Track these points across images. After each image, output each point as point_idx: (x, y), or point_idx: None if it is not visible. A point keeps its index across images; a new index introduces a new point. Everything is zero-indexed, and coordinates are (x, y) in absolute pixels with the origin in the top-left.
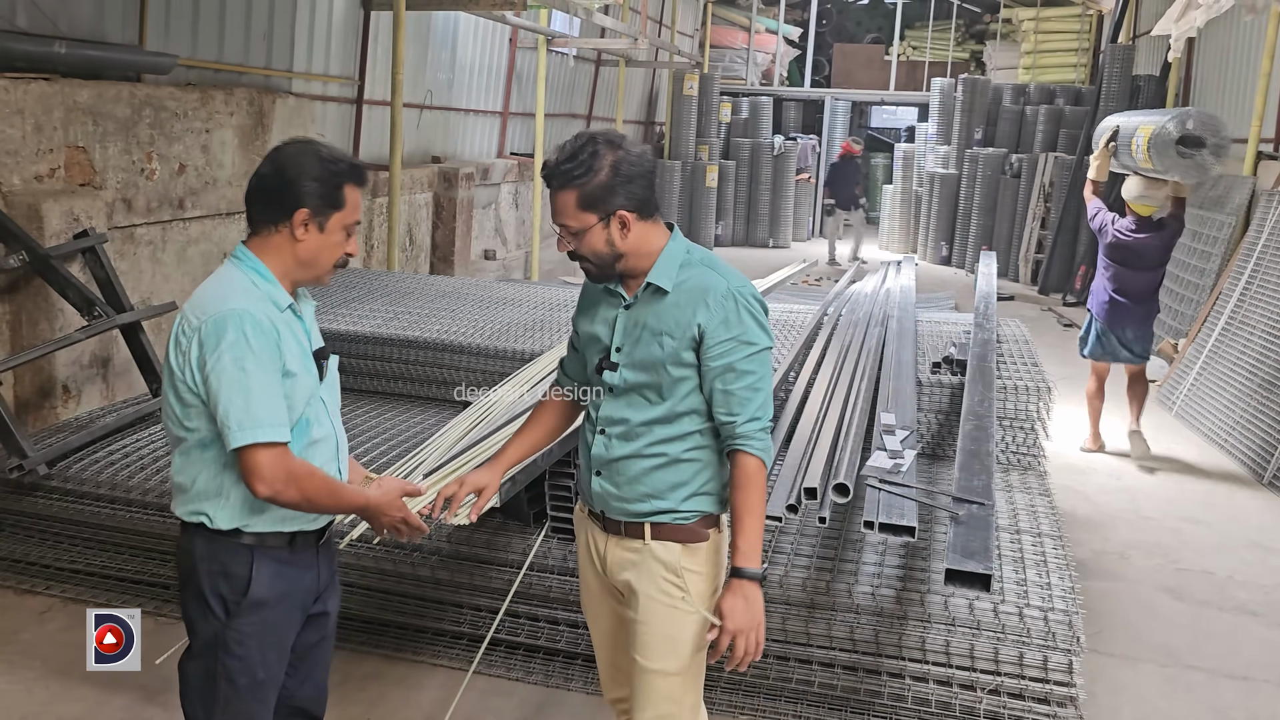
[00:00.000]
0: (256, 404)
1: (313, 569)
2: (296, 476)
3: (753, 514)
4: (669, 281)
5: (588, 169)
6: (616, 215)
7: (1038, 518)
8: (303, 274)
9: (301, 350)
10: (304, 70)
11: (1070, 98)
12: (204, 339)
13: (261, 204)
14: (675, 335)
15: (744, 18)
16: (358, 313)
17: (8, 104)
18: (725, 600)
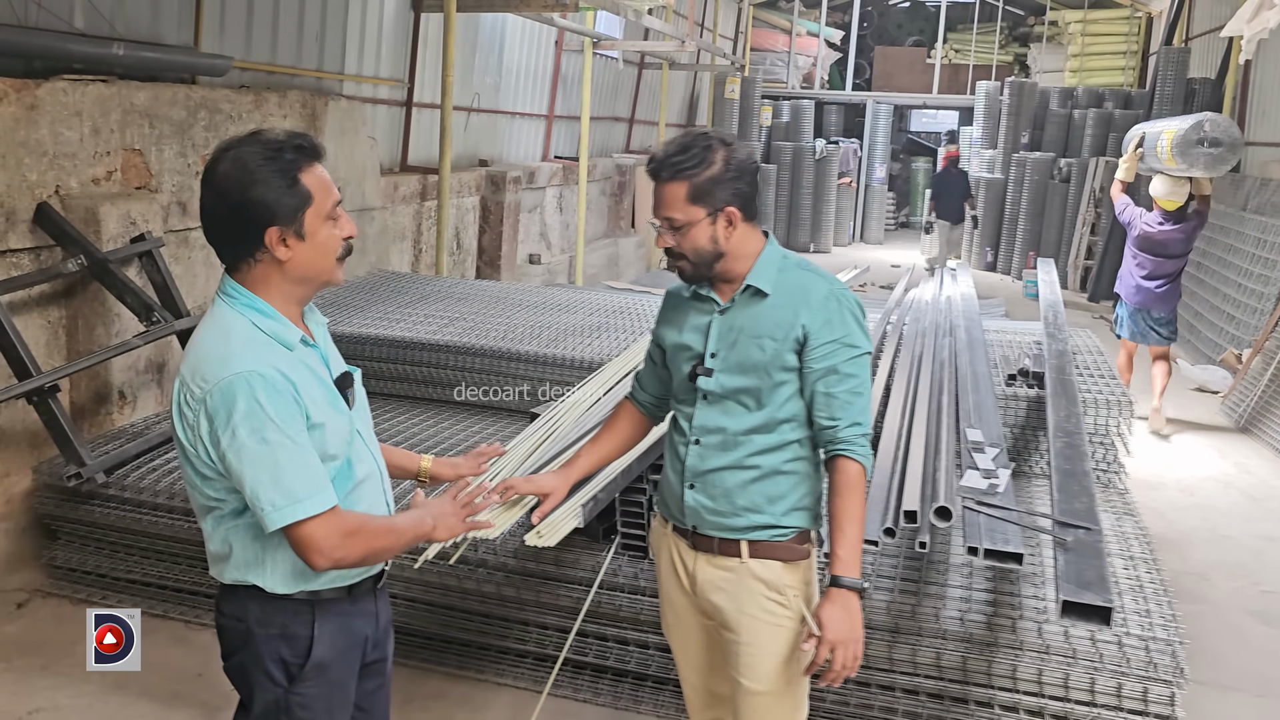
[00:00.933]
0: (288, 477)
1: (372, 617)
2: (353, 536)
3: (853, 522)
4: (769, 284)
5: (700, 161)
6: (724, 211)
7: (1127, 539)
8: (307, 288)
9: (325, 389)
10: (355, 73)
11: (1120, 101)
12: (212, 412)
13: (223, 242)
14: (777, 337)
15: (785, 21)
16: (411, 318)
17: (66, 106)
18: (824, 610)
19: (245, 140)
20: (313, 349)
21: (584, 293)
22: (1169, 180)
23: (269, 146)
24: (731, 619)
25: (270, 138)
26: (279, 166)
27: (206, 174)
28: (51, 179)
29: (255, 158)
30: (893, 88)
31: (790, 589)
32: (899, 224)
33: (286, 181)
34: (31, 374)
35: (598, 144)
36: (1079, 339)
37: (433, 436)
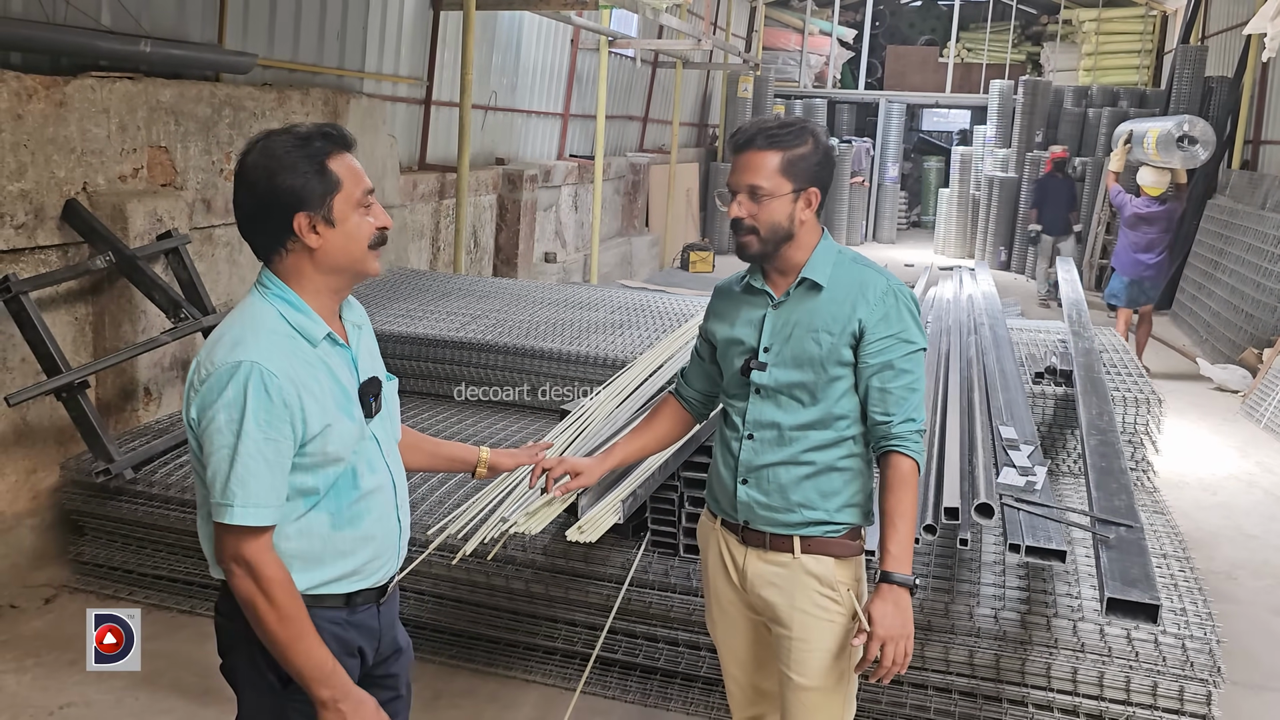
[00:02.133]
0: (238, 479)
1: (372, 633)
2: (267, 578)
3: (905, 517)
4: (824, 277)
5: (796, 137)
6: (808, 192)
7: (1159, 537)
8: (341, 278)
9: (340, 391)
10: (375, 71)
11: (1134, 100)
12: (205, 391)
13: (255, 233)
14: (833, 331)
15: (798, 20)
16: (434, 315)
17: (94, 103)
18: (875, 605)
19: (275, 132)
20: (341, 349)
21: (602, 291)
22: (1153, 171)
23: (298, 136)
24: (783, 614)
25: (300, 129)
26: (307, 153)
27: (237, 168)
28: (79, 176)
29: (283, 146)
30: (905, 87)
31: (842, 584)
32: (911, 223)
33: (314, 168)
34: (60, 370)
35: (612, 143)
36: (1104, 337)
37: (461, 433)
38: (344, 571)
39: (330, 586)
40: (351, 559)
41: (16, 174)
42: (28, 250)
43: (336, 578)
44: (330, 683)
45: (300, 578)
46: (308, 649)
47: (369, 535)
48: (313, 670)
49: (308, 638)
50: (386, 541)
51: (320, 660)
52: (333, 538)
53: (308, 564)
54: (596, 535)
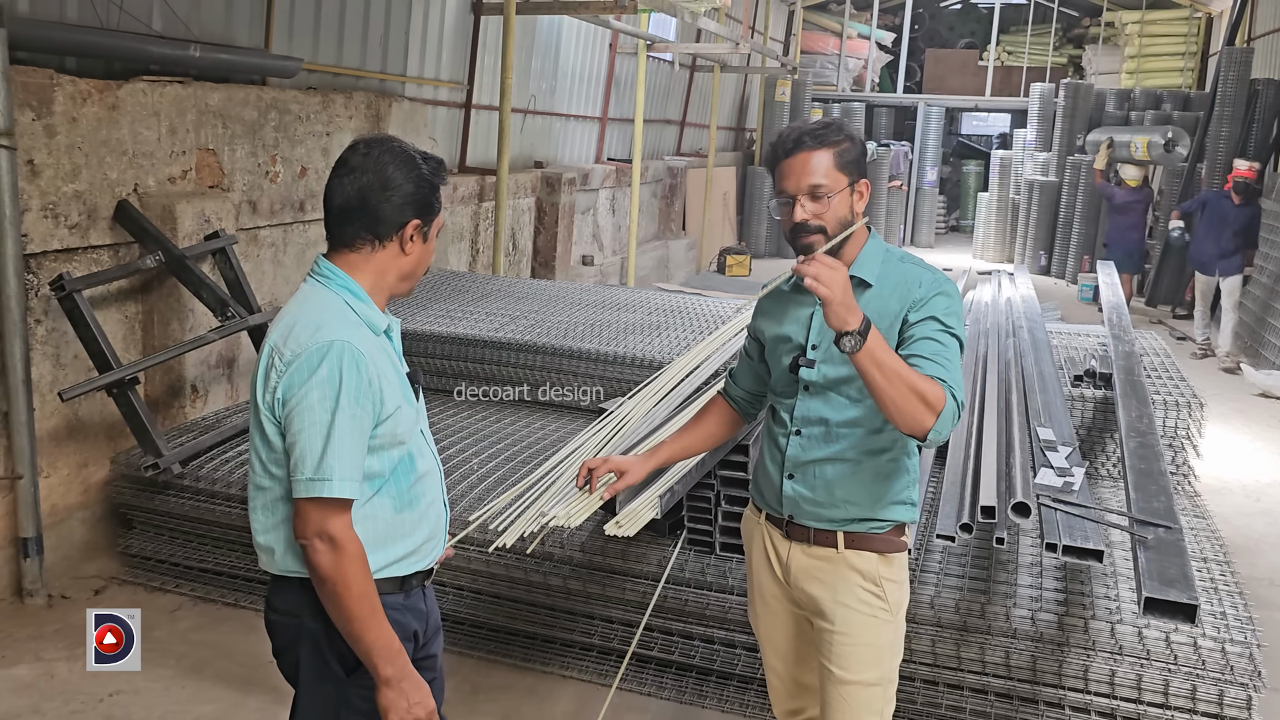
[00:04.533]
0: (334, 453)
1: (422, 614)
2: (350, 554)
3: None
4: (873, 275)
5: (838, 135)
6: (860, 183)
7: (1199, 540)
8: (401, 287)
9: (400, 379)
10: (416, 75)
11: (1178, 103)
12: (296, 371)
13: (366, 217)
14: (881, 328)
15: (836, 23)
16: (474, 315)
17: (145, 106)
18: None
19: (398, 140)
20: (390, 340)
21: (639, 293)
22: (1133, 167)
23: (422, 152)
24: (827, 608)
25: (418, 149)
26: (431, 170)
27: (362, 154)
28: (130, 177)
29: (414, 156)
30: (944, 90)
31: (887, 580)
32: (950, 227)
33: (435, 186)
34: (112, 367)
35: (649, 146)
36: (1144, 340)
37: (499, 432)
38: (404, 553)
39: (390, 569)
40: (410, 540)
41: (71, 175)
42: (81, 249)
43: (398, 559)
44: (396, 661)
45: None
46: (380, 625)
47: (424, 516)
48: (383, 648)
49: (380, 614)
50: (438, 523)
51: (390, 639)
52: (395, 520)
53: (372, 547)
54: (634, 530)
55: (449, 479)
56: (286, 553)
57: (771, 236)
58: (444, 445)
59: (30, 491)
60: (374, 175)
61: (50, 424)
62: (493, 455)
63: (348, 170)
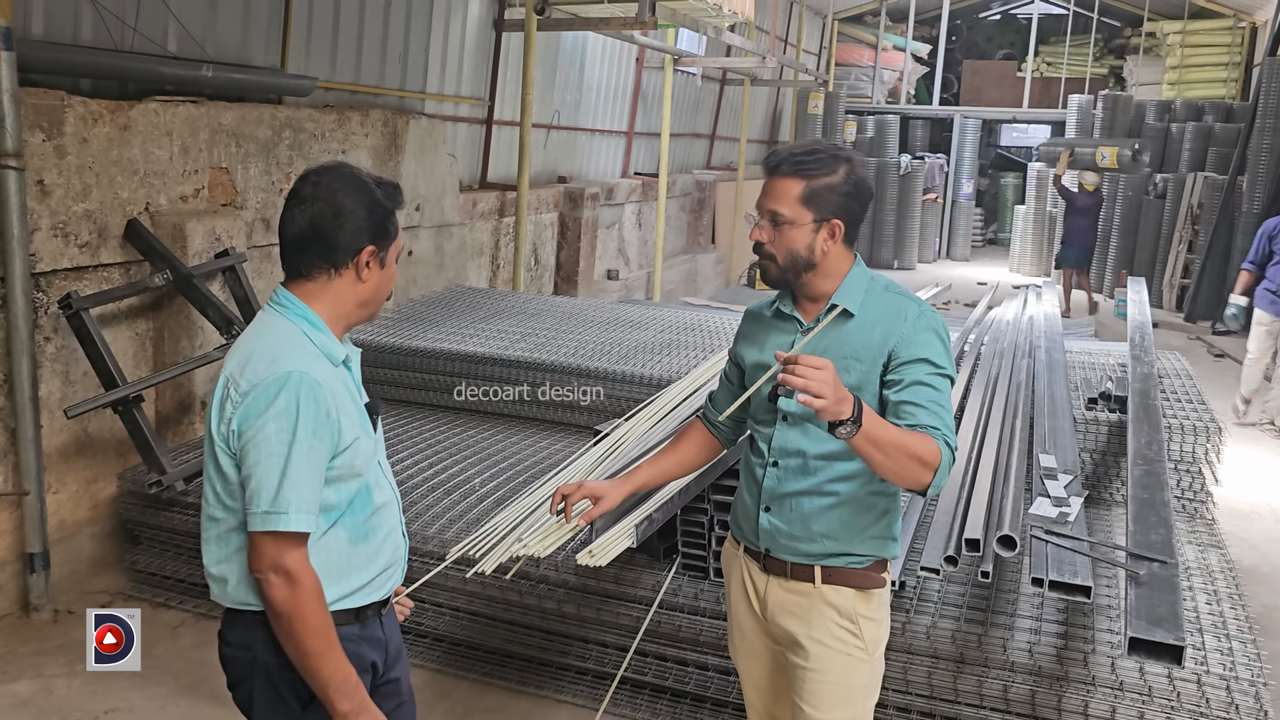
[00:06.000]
0: (290, 486)
1: (380, 644)
2: (306, 587)
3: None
4: (855, 305)
5: (823, 166)
6: (830, 223)
7: (1211, 573)
8: (361, 314)
9: (358, 410)
10: (436, 91)
11: (1220, 114)
12: (253, 402)
13: (319, 246)
14: (864, 360)
15: (871, 35)
16: (484, 333)
17: (157, 126)
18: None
19: (350, 165)
20: (349, 371)
21: (658, 309)
22: (1093, 174)
23: (374, 177)
24: (801, 644)
25: (370, 174)
26: (384, 195)
27: (313, 182)
28: (142, 196)
29: (368, 182)
30: (981, 102)
31: (864, 618)
32: (987, 240)
33: (388, 211)
34: (118, 384)
35: (678, 160)
36: (1167, 361)
37: (500, 451)
38: (359, 584)
39: (345, 601)
40: (366, 571)
41: (81, 195)
42: (91, 268)
43: (353, 591)
44: (354, 696)
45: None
46: (336, 659)
47: (380, 548)
48: (339, 682)
49: (336, 648)
50: (395, 554)
51: (346, 673)
52: (351, 552)
53: (328, 580)
54: (607, 560)
55: (449, 497)
56: (239, 584)
57: None
58: (445, 462)
59: (36, 507)
60: (325, 204)
61: (59, 440)
62: (495, 474)
63: (299, 200)
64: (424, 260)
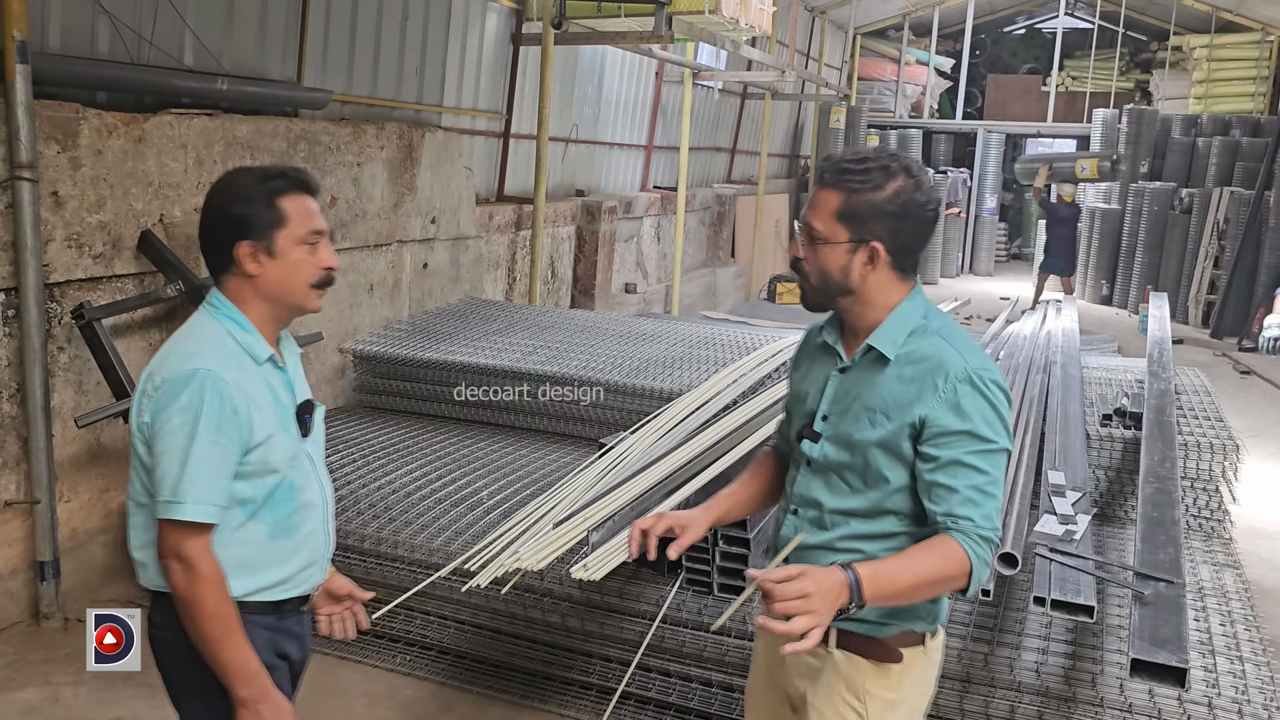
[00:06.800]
0: (189, 478)
1: (298, 639)
2: (204, 575)
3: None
4: (892, 348)
5: (869, 180)
6: (869, 245)
7: (1226, 594)
8: (279, 309)
9: (279, 407)
10: (453, 105)
11: (1248, 129)
12: (161, 397)
13: (206, 248)
14: (891, 416)
15: (894, 49)
16: (496, 346)
17: (172, 139)
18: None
19: (248, 168)
20: (280, 371)
21: (673, 323)
22: (1070, 185)
23: (263, 172)
24: (806, 710)
25: (273, 168)
26: (263, 188)
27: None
28: (156, 208)
29: (246, 179)
30: (1005, 116)
31: (873, 697)
32: (1011, 255)
33: (265, 201)
34: (128, 394)
35: (698, 174)
36: (1186, 378)
37: (509, 463)
38: (278, 579)
39: (263, 594)
40: (285, 567)
41: (96, 206)
42: (105, 279)
43: (270, 585)
44: (253, 683)
45: (237, 583)
46: (235, 646)
47: (302, 545)
48: (237, 668)
49: (236, 636)
50: (316, 553)
51: (245, 660)
52: (270, 546)
53: (245, 570)
54: (602, 573)
55: (457, 508)
56: (159, 569)
57: None
58: (453, 474)
59: (47, 516)
60: (203, 211)
61: (72, 449)
62: (503, 486)
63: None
64: (440, 272)
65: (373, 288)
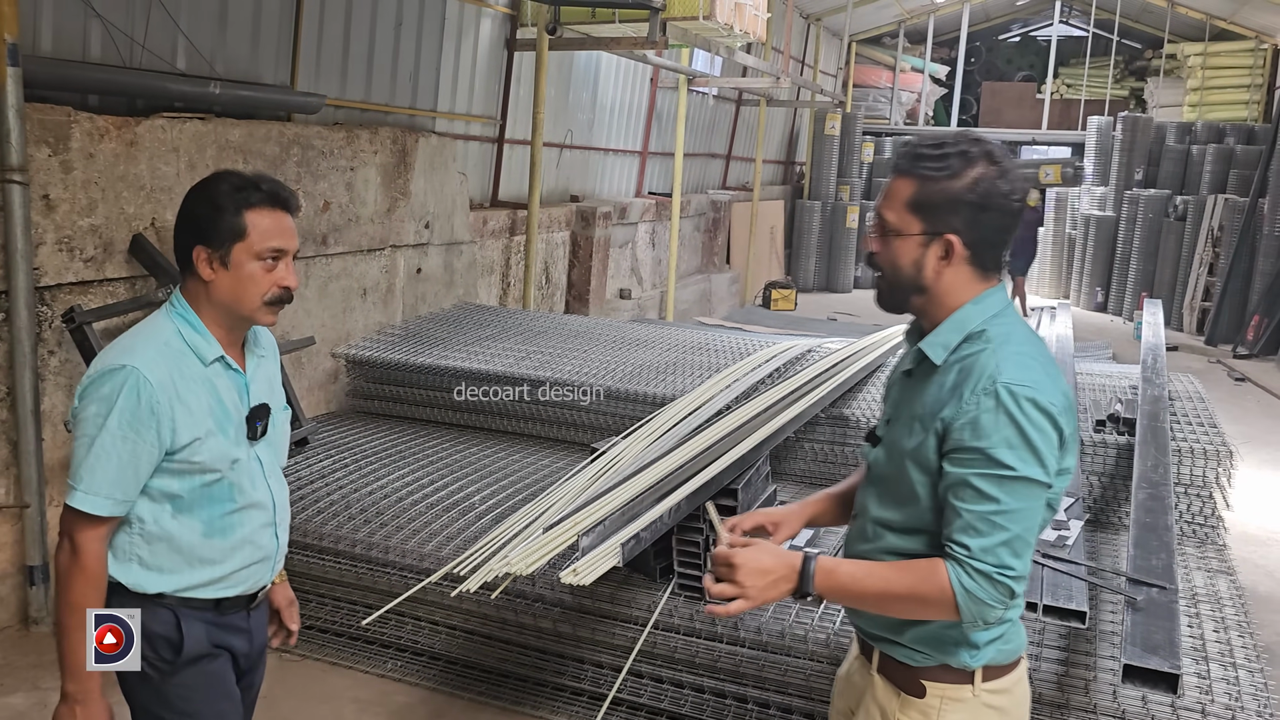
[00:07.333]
0: (89, 467)
1: (244, 634)
2: (81, 564)
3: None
4: (941, 353)
5: (947, 167)
6: (944, 238)
7: (1219, 601)
8: (229, 317)
9: (222, 410)
10: (447, 110)
11: (1241, 136)
12: (88, 387)
13: (175, 246)
14: (926, 425)
15: (889, 57)
16: (490, 351)
17: (164, 143)
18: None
19: (231, 172)
20: (234, 374)
21: (666, 328)
22: (1035, 191)
23: (240, 180)
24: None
25: (249, 176)
26: (234, 197)
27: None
28: (148, 212)
29: (222, 185)
30: (1000, 124)
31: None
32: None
33: (231, 211)
34: None
35: (693, 180)
36: (1180, 384)
37: (501, 469)
38: (212, 578)
39: (199, 591)
40: (220, 566)
41: (87, 210)
42: (96, 282)
43: (205, 583)
44: (81, 680)
45: (170, 579)
46: (79, 641)
47: (238, 546)
48: (73, 663)
49: (81, 632)
50: (257, 554)
51: (83, 657)
52: (203, 544)
53: (179, 564)
54: (591, 579)
55: (449, 513)
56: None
57: (819, 270)
58: (445, 479)
59: (37, 520)
60: (181, 205)
61: (62, 453)
62: (495, 491)
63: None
64: (433, 278)
65: (366, 293)
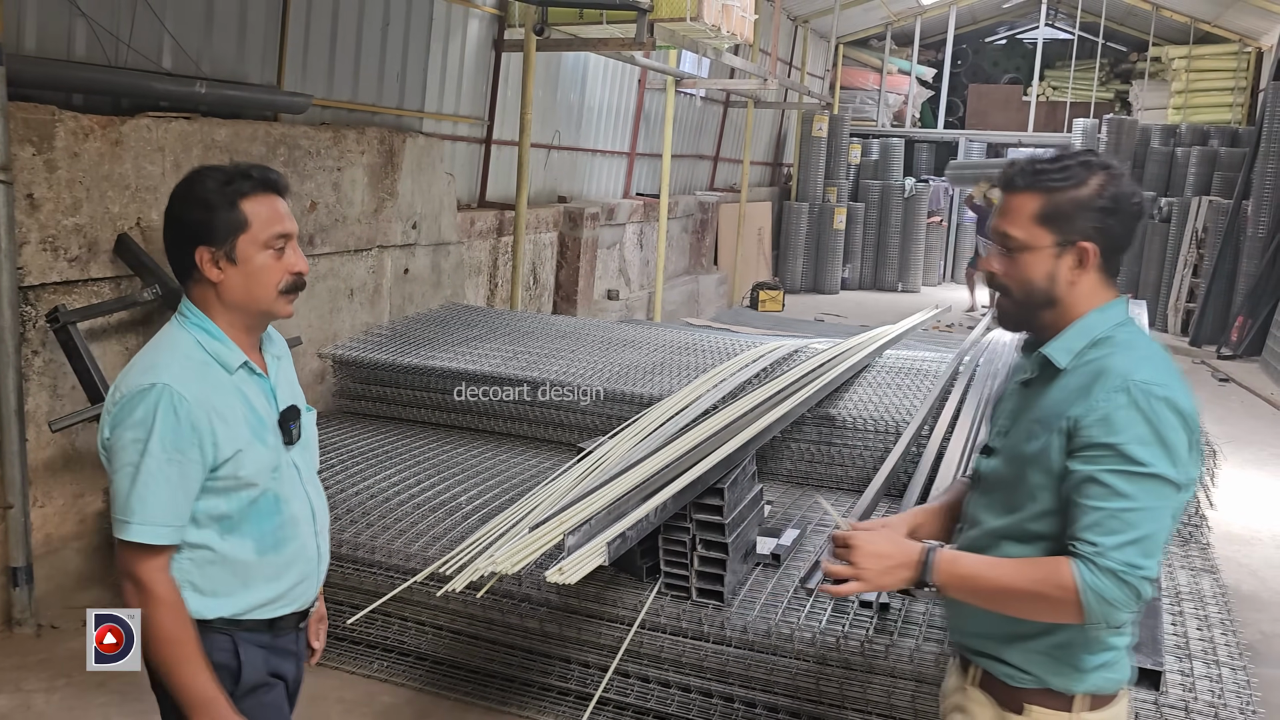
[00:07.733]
0: (138, 497)
1: (293, 657)
2: (157, 598)
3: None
4: (1066, 356)
5: (1070, 177)
6: (1078, 246)
7: (1203, 599)
8: (247, 316)
9: (256, 418)
10: (435, 110)
11: (1225, 139)
12: (118, 413)
13: (169, 253)
14: (1051, 428)
15: (876, 59)
16: (477, 351)
17: (149, 142)
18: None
19: (213, 167)
20: (259, 379)
21: (654, 329)
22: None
23: (225, 172)
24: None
25: (233, 168)
26: (225, 191)
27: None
28: (133, 211)
29: (207, 180)
30: (987, 126)
31: None
32: None
33: (226, 205)
34: (103, 398)
35: (681, 181)
36: None
37: (488, 469)
38: (272, 596)
39: (259, 611)
40: (279, 583)
41: (71, 209)
42: (81, 282)
43: (266, 602)
44: (209, 710)
45: (227, 602)
46: (191, 674)
47: (293, 560)
48: (192, 697)
49: (191, 663)
50: (309, 567)
51: (201, 688)
52: (259, 563)
53: (233, 588)
54: (577, 577)
55: (436, 513)
56: None
57: (807, 272)
58: (432, 479)
59: (20, 521)
60: (167, 210)
61: (46, 454)
62: (482, 491)
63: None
64: (420, 278)
65: (353, 293)
